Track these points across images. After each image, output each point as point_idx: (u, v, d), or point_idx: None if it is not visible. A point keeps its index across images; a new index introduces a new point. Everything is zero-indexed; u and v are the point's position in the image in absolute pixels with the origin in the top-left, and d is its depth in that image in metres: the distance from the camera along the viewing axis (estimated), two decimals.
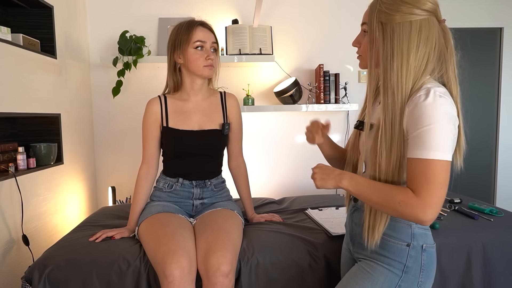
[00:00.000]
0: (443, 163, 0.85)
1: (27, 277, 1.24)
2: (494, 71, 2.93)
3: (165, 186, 1.54)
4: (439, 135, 0.85)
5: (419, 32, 0.90)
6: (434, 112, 0.85)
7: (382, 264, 0.99)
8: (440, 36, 0.93)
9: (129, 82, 2.51)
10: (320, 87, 2.46)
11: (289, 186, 2.69)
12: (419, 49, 0.91)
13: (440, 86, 0.89)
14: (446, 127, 0.85)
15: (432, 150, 0.85)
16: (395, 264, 0.97)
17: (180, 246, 1.20)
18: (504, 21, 2.86)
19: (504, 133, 2.95)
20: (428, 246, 0.98)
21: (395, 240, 0.98)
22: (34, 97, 1.82)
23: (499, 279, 1.36)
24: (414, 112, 0.87)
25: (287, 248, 1.33)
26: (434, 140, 0.85)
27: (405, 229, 0.97)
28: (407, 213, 0.86)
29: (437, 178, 0.85)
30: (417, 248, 0.97)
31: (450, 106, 0.87)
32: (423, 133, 0.86)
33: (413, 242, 0.97)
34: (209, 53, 1.47)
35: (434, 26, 0.92)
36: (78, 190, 2.30)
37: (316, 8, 2.59)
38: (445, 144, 0.85)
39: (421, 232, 0.98)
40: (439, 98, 0.86)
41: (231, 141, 1.62)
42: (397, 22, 0.90)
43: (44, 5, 1.93)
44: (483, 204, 1.73)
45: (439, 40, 0.93)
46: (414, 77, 0.91)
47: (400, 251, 0.97)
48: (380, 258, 1.00)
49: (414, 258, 0.96)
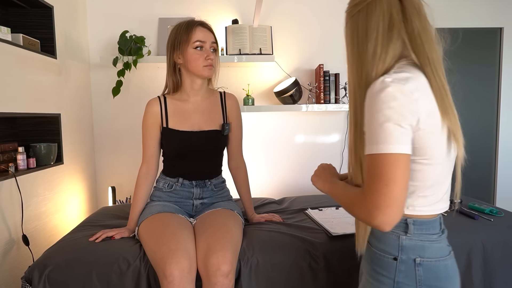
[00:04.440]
0: (387, 156, 0.75)
1: (27, 277, 1.24)
2: (494, 71, 2.92)
3: (165, 186, 1.54)
4: (381, 127, 0.76)
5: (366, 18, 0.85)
6: (377, 102, 0.77)
7: (372, 281, 0.90)
8: (396, 12, 0.84)
9: (129, 82, 2.51)
10: (320, 87, 2.46)
11: (289, 186, 2.69)
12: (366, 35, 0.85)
13: (400, 72, 0.80)
14: (391, 117, 0.76)
15: (374, 144, 0.77)
16: (383, 279, 0.87)
17: (180, 246, 1.20)
18: (504, 21, 2.86)
19: (504, 133, 2.94)
20: (426, 260, 0.85)
21: (381, 253, 0.88)
22: (34, 97, 1.82)
23: (499, 279, 1.36)
24: (366, 104, 0.81)
25: (287, 248, 1.33)
26: (377, 133, 0.77)
27: (391, 240, 0.87)
28: (359, 216, 0.79)
29: (381, 174, 0.75)
30: (408, 262, 0.85)
31: (401, 93, 0.76)
32: (368, 126, 0.79)
33: (401, 255, 0.85)
34: (208, 53, 1.47)
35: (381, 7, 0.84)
36: (78, 190, 2.30)
37: (316, 8, 2.59)
38: (389, 136, 0.75)
39: (414, 244, 0.85)
40: (386, 85, 0.77)
41: (231, 141, 1.62)
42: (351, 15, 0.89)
43: (44, 5, 1.93)
44: (483, 204, 1.73)
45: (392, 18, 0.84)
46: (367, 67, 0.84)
47: (388, 265, 0.86)
48: (371, 272, 0.91)
49: (405, 273, 0.85)
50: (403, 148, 0.76)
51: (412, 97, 0.77)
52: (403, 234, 0.86)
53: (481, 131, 2.96)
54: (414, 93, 0.77)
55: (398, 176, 0.75)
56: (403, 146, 0.76)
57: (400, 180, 0.75)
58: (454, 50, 0.93)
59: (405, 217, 0.86)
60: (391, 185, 0.75)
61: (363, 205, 0.78)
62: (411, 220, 0.86)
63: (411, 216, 0.86)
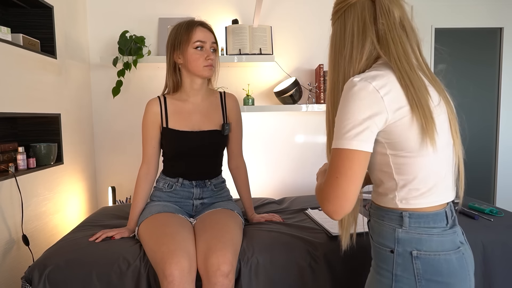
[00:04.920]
0: (343, 151, 0.80)
1: (27, 277, 1.24)
2: (494, 71, 2.92)
3: (165, 186, 1.54)
4: (343, 123, 0.80)
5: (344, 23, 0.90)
6: (344, 99, 0.82)
7: (375, 275, 0.92)
8: (369, 16, 0.87)
9: (129, 82, 2.51)
10: (320, 87, 2.46)
11: (289, 186, 2.69)
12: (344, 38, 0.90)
13: (370, 71, 0.84)
14: (353, 114, 0.79)
15: (335, 139, 0.82)
16: (383, 272, 0.89)
17: (180, 246, 1.20)
18: (504, 21, 2.86)
19: (504, 133, 2.94)
20: (423, 254, 0.84)
21: (380, 246, 0.90)
22: (34, 97, 1.82)
23: (499, 279, 1.36)
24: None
25: (287, 248, 1.33)
26: (339, 129, 0.81)
27: (388, 233, 0.89)
28: (320, 201, 0.86)
29: (335, 167, 0.81)
30: (404, 254, 0.85)
31: (366, 91, 0.79)
32: (336, 122, 0.84)
33: (397, 248, 0.86)
34: (209, 53, 1.47)
35: (355, 11, 0.89)
36: (78, 190, 2.30)
37: (316, 8, 2.59)
38: (348, 132, 0.79)
39: (410, 237, 0.86)
40: (353, 84, 0.81)
41: (231, 141, 1.62)
42: (333, 22, 0.95)
43: (44, 5, 1.93)
44: (483, 204, 1.73)
45: (365, 22, 0.87)
46: (344, 69, 0.89)
47: (385, 257, 0.89)
48: (374, 266, 0.94)
49: (403, 266, 0.86)
50: (360, 145, 0.79)
51: (378, 94, 0.79)
52: (399, 227, 0.87)
53: (481, 131, 2.96)
54: (381, 90, 0.80)
55: (349, 170, 0.79)
56: (360, 143, 0.79)
57: (350, 175, 0.79)
58: (454, 50, 0.94)
59: (400, 211, 0.87)
60: (340, 178, 0.80)
61: (320, 195, 0.85)
62: (407, 213, 0.86)
63: (406, 210, 0.87)
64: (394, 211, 0.88)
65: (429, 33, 2.77)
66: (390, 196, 0.89)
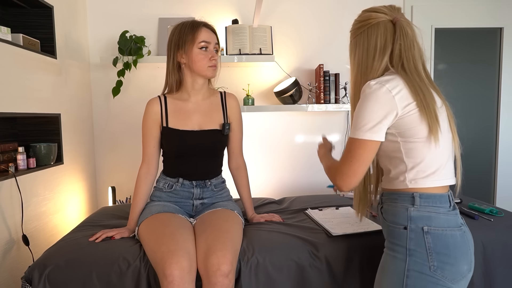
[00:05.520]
0: (354, 140, 1.01)
1: (27, 277, 1.24)
2: (494, 71, 2.92)
3: (165, 186, 1.54)
4: (359, 117, 1.00)
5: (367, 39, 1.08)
6: (362, 98, 1.01)
7: (389, 252, 1.05)
8: (389, 35, 1.06)
9: (129, 82, 2.51)
10: (320, 87, 2.46)
11: (289, 186, 2.69)
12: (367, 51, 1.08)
13: (384, 76, 1.03)
14: (369, 109, 0.98)
15: (353, 130, 1.02)
16: (398, 248, 1.02)
17: (180, 246, 1.20)
18: (504, 21, 2.86)
19: (504, 133, 2.94)
20: (433, 229, 0.99)
21: (394, 225, 1.04)
22: (34, 97, 1.82)
23: (499, 279, 1.36)
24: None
25: (287, 248, 1.33)
26: (356, 122, 1.01)
27: (401, 212, 1.03)
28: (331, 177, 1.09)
29: (351, 153, 1.01)
30: (416, 230, 0.99)
31: (380, 91, 0.98)
32: (354, 115, 1.03)
33: (410, 224, 1.00)
34: (213, 53, 1.47)
35: (378, 30, 1.07)
36: (78, 190, 2.30)
37: (316, 8, 2.59)
38: (362, 124, 0.99)
39: (421, 215, 1.00)
40: (370, 86, 1.00)
41: (231, 141, 1.62)
42: (355, 36, 1.13)
43: (44, 5, 1.93)
44: (483, 204, 1.73)
45: (387, 40, 1.06)
46: (366, 76, 1.08)
47: (399, 234, 1.02)
48: (389, 245, 1.06)
49: (415, 241, 0.99)
50: (372, 136, 0.99)
51: (391, 94, 0.98)
52: (411, 206, 1.01)
53: (481, 131, 2.95)
54: (393, 91, 0.99)
55: (361, 156, 1.00)
56: (373, 134, 0.99)
57: (362, 160, 1.01)
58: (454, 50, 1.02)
59: (411, 192, 1.03)
60: (354, 161, 1.01)
61: (334, 171, 1.07)
62: (417, 193, 1.02)
63: (417, 190, 1.02)
64: (406, 192, 1.03)
65: (429, 33, 2.77)
66: (400, 178, 1.04)
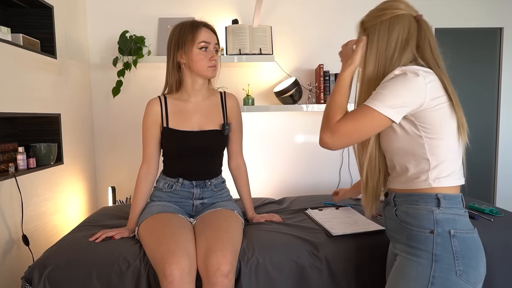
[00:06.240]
0: (368, 108, 0.95)
1: (27, 277, 1.24)
2: (494, 71, 2.93)
3: (165, 186, 1.54)
4: (382, 90, 0.95)
5: (388, 28, 1.04)
6: (395, 80, 0.96)
7: (411, 258, 0.98)
8: (413, 29, 1.04)
9: (129, 82, 2.51)
10: (320, 87, 2.46)
11: (289, 186, 2.69)
12: (387, 41, 1.04)
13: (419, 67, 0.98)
14: (398, 88, 0.94)
15: (371, 99, 0.96)
16: (422, 254, 0.96)
17: (180, 246, 1.20)
18: (504, 21, 2.86)
19: (504, 133, 2.95)
20: (459, 232, 0.95)
21: (418, 229, 0.97)
22: (34, 97, 1.82)
23: (499, 279, 1.36)
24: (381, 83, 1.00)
25: (287, 248, 1.33)
26: (377, 93, 0.96)
27: (426, 216, 0.97)
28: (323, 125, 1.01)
29: (356, 115, 0.96)
30: (443, 234, 0.94)
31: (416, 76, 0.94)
32: (377, 89, 0.98)
33: (436, 228, 0.95)
34: (213, 54, 1.47)
35: (403, 22, 1.03)
36: (78, 190, 2.30)
37: (316, 8, 2.59)
38: (386, 99, 0.94)
39: (447, 218, 0.96)
40: (404, 71, 0.96)
41: (231, 141, 1.62)
42: (372, 24, 1.07)
43: (44, 5, 1.93)
44: (483, 204, 1.73)
45: (410, 33, 1.03)
46: (384, 66, 1.04)
47: (425, 239, 0.96)
48: (409, 250, 0.99)
49: (442, 245, 0.94)
50: (392, 114, 0.94)
51: (424, 81, 0.94)
52: (436, 209, 0.97)
53: (481, 131, 2.96)
54: (426, 78, 0.95)
55: (365, 126, 0.96)
56: (391, 111, 0.94)
57: (364, 130, 0.96)
58: (454, 50, 1.01)
59: (435, 192, 0.98)
60: (355, 126, 0.96)
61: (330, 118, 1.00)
62: (441, 194, 0.98)
63: (440, 191, 0.98)
64: (429, 193, 0.98)
65: None
66: (422, 178, 0.99)
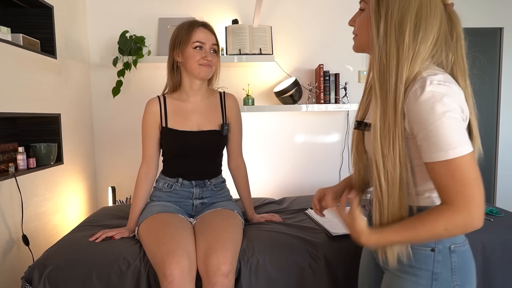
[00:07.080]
0: (466, 157, 0.77)
1: (27, 277, 1.24)
2: (494, 71, 2.92)
3: (164, 186, 1.54)
4: (449, 130, 0.76)
5: (418, 10, 0.82)
6: (435, 106, 0.76)
7: (408, 277, 0.89)
8: (443, 19, 0.86)
9: (129, 82, 2.51)
10: (320, 87, 2.46)
11: (289, 186, 2.69)
12: (415, 28, 0.82)
13: (437, 74, 0.80)
14: (454, 118, 0.77)
15: (449, 149, 0.77)
16: (421, 273, 0.87)
17: (180, 246, 1.20)
18: (504, 21, 2.86)
19: (504, 133, 2.94)
20: (457, 246, 0.88)
21: (417, 247, 0.88)
22: (34, 97, 1.82)
23: (499, 279, 1.36)
24: (413, 110, 0.79)
25: (287, 248, 1.33)
26: (446, 137, 0.76)
27: None
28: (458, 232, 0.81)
29: (468, 175, 0.77)
30: (444, 251, 0.87)
31: (452, 92, 0.78)
32: (431, 133, 0.77)
33: (437, 245, 0.87)
34: (207, 53, 1.47)
35: (437, 7, 0.84)
36: (78, 190, 2.30)
37: (316, 8, 2.59)
38: (459, 137, 0.77)
39: None
40: (437, 88, 0.77)
41: (231, 142, 1.62)
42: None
43: (44, 5, 1.93)
44: None
45: (441, 23, 0.85)
46: (408, 59, 0.82)
47: (425, 257, 0.88)
48: (405, 268, 0.89)
49: (442, 263, 0.87)
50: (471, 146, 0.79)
51: (461, 93, 0.82)
52: None
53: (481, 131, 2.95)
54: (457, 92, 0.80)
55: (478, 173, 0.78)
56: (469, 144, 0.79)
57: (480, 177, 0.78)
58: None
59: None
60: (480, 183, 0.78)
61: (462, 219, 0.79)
62: None
63: None
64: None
65: None
66: (425, 195, 0.89)
